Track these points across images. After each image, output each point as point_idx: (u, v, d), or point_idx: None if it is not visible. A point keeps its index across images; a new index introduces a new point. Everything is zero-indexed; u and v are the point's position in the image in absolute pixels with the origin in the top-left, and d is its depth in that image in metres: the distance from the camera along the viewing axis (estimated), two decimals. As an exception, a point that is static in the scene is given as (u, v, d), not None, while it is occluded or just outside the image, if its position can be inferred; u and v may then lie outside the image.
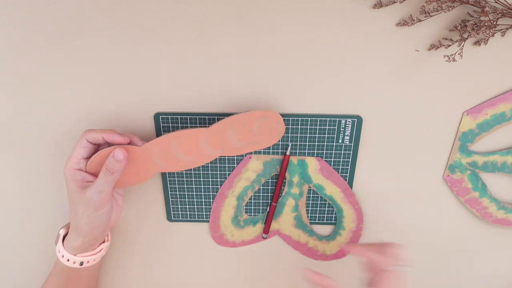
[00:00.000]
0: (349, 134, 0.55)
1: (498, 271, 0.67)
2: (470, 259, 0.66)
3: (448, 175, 0.58)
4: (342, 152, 0.57)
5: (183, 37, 0.50)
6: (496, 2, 0.46)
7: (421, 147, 0.57)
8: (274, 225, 0.63)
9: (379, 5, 0.47)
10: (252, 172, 0.59)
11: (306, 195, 0.61)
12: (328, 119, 0.54)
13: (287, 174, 0.59)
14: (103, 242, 0.57)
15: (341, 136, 0.56)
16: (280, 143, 0.57)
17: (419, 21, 0.48)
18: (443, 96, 0.53)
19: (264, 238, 0.64)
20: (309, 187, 0.60)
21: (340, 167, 0.58)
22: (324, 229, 0.65)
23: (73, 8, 0.48)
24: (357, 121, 0.55)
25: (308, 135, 0.56)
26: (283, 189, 0.60)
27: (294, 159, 0.58)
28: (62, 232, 0.56)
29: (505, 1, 0.46)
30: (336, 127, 0.55)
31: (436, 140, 0.56)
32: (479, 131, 0.55)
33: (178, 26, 0.49)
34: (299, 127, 0.55)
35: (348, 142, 0.56)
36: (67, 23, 0.49)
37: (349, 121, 0.55)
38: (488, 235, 0.63)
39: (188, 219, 0.63)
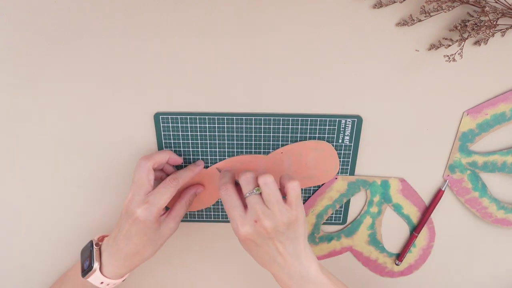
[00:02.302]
0: (349, 134, 0.55)
1: (498, 271, 0.67)
2: (470, 259, 0.66)
3: (448, 175, 0.58)
4: (342, 152, 0.57)
5: (183, 37, 0.50)
6: (496, 2, 0.46)
7: (421, 147, 0.57)
8: (347, 242, 0.65)
9: (379, 5, 0.47)
10: (335, 192, 0.60)
11: (384, 214, 0.62)
12: (328, 119, 0.54)
13: (368, 193, 0.60)
14: None
15: (341, 136, 0.56)
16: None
17: (419, 21, 0.48)
18: (443, 96, 0.53)
19: (397, 265, 0.66)
20: (388, 206, 0.62)
21: (340, 167, 0.58)
22: (395, 246, 0.66)
23: (73, 8, 0.48)
24: (357, 121, 0.54)
25: (308, 135, 0.56)
26: (363, 207, 0.62)
27: (377, 180, 0.59)
28: (97, 266, 0.53)
29: (505, 1, 0.46)
30: (336, 127, 0.55)
31: (436, 140, 0.56)
32: (479, 131, 0.55)
33: (178, 26, 0.49)
34: (299, 127, 0.55)
35: (348, 142, 0.56)
36: (67, 23, 0.49)
37: (349, 121, 0.55)
38: (488, 235, 0.63)
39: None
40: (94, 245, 0.54)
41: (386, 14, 0.48)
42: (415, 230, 0.62)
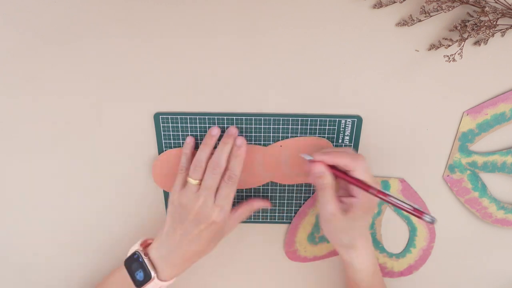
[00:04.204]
0: (349, 134, 0.55)
1: (498, 271, 0.67)
2: (469, 259, 0.66)
3: (448, 175, 0.58)
4: (342, 152, 0.57)
5: (183, 37, 0.50)
6: (496, 2, 0.46)
7: (421, 147, 0.57)
8: None
9: (379, 5, 0.47)
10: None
11: (384, 214, 0.62)
12: (328, 119, 0.54)
13: None
14: None
15: (341, 136, 0.56)
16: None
17: (419, 21, 0.48)
18: (443, 96, 0.53)
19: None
20: (388, 206, 0.62)
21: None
22: (395, 247, 0.66)
23: (73, 9, 0.48)
24: (357, 121, 0.54)
25: (308, 135, 0.55)
26: None
27: (378, 180, 0.59)
28: (154, 275, 0.53)
29: (505, 1, 0.46)
30: (336, 127, 0.55)
31: (436, 140, 0.56)
32: (479, 131, 0.55)
33: (178, 26, 0.49)
34: (299, 127, 0.55)
35: (348, 142, 0.56)
36: (67, 24, 0.49)
37: (349, 121, 0.55)
38: (488, 235, 0.63)
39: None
40: (142, 255, 0.54)
41: (386, 14, 0.48)
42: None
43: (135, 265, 0.54)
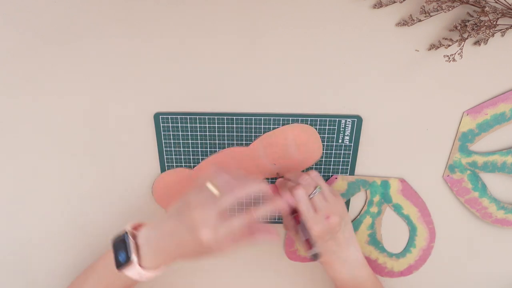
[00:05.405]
0: (349, 134, 0.55)
1: (497, 271, 0.67)
2: (469, 259, 0.66)
3: (448, 175, 0.58)
4: (342, 152, 0.57)
5: (183, 38, 0.50)
6: (496, 2, 0.46)
7: (421, 147, 0.57)
8: None
9: (379, 5, 0.47)
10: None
11: (384, 214, 0.62)
12: (328, 119, 0.54)
13: (368, 193, 0.60)
14: None
15: (341, 136, 0.56)
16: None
17: (419, 21, 0.48)
18: (443, 96, 0.53)
19: None
20: (388, 206, 0.61)
21: (340, 167, 0.58)
22: (395, 247, 0.66)
23: (73, 9, 0.48)
24: (357, 121, 0.54)
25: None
26: (363, 207, 0.62)
27: (377, 180, 0.59)
28: (135, 259, 0.48)
29: (505, 1, 0.46)
30: (336, 127, 0.55)
31: (436, 140, 0.56)
32: (479, 131, 0.55)
33: (178, 27, 0.49)
34: (299, 127, 0.55)
35: (348, 142, 0.56)
36: (67, 24, 0.49)
37: (349, 121, 0.55)
38: (488, 235, 0.63)
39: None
40: (130, 236, 0.49)
41: (386, 14, 0.48)
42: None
43: (120, 245, 0.50)
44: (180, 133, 0.56)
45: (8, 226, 0.64)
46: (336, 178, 0.59)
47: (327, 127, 0.55)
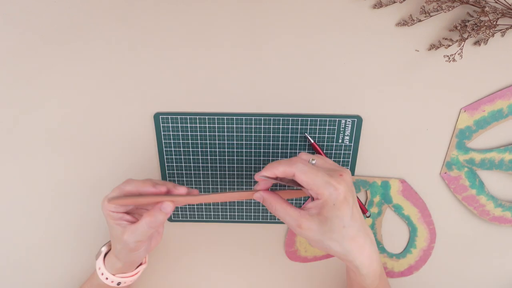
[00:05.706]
0: (349, 134, 0.56)
1: (495, 269, 0.68)
2: (469, 259, 0.66)
3: (445, 172, 0.59)
4: (342, 152, 0.57)
5: (183, 38, 0.50)
6: (496, 2, 0.46)
7: (421, 147, 0.57)
8: None
9: (379, 5, 0.47)
10: None
11: (384, 214, 0.62)
12: (328, 119, 0.55)
13: (368, 194, 0.60)
14: (141, 264, 0.57)
15: (341, 136, 0.56)
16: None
17: (419, 21, 0.48)
18: (443, 96, 0.53)
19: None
20: (388, 207, 0.62)
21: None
22: (395, 247, 0.66)
23: (73, 9, 0.48)
24: (357, 121, 0.55)
25: (308, 135, 0.56)
26: None
27: (378, 180, 0.59)
28: (104, 250, 0.55)
29: (505, 1, 0.46)
30: (336, 127, 0.55)
31: (433, 137, 0.57)
32: (476, 128, 0.56)
33: (178, 27, 0.49)
34: (299, 127, 0.55)
35: (348, 142, 0.56)
36: (67, 24, 0.49)
37: (349, 121, 0.55)
38: (486, 232, 0.64)
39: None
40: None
41: (386, 14, 0.48)
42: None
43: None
44: (180, 133, 0.56)
45: (8, 226, 0.63)
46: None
47: (327, 127, 0.55)
